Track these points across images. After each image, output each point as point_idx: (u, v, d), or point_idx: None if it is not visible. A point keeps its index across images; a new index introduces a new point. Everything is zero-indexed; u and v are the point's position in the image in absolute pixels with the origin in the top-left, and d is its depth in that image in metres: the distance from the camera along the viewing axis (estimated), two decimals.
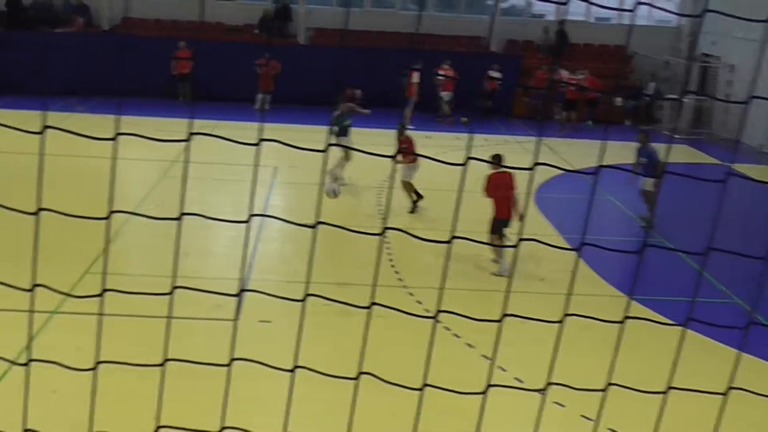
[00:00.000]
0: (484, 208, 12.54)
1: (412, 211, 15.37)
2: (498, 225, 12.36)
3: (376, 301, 2.89)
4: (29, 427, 3.00)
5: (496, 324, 3.02)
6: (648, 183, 15.10)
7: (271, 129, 19.01)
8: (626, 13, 32.46)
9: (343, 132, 17.19)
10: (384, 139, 16.53)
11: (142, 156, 16.95)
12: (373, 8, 29.82)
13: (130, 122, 20.38)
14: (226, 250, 12.91)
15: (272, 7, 29.13)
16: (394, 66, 25.66)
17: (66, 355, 8.92)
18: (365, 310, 2.98)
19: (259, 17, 28.79)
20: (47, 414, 7.16)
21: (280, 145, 2.88)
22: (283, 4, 28.82)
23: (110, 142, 2.73)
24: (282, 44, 28.23)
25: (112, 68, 24.90)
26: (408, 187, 15.47)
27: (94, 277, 11.04)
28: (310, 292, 2.93)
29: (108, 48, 26.02)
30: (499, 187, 12.31)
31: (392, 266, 12.35)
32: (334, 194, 15.06)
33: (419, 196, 15.53)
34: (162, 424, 3.21)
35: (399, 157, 14.76)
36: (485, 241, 11.94)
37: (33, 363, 2.93)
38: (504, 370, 9.14)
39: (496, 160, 12.06)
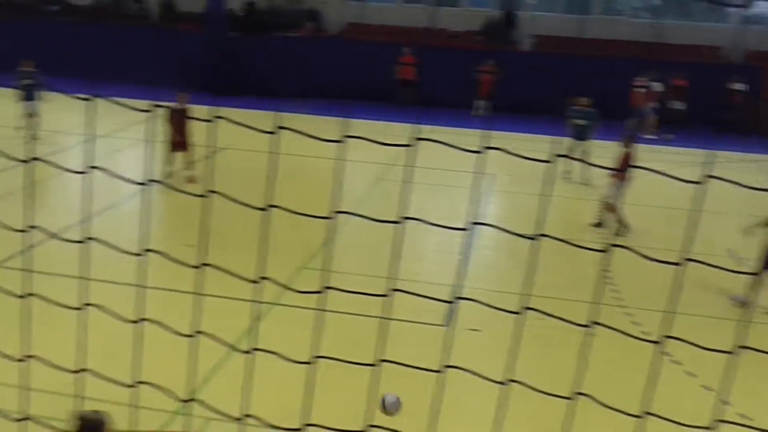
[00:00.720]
0: (716, 229, 11.73)
1: (618, 233, 14.18)
2: None
3: (591, 318, 2.69)
4: (248, 412, 3.06)
5: (722, 354, 2.73)
6: None
7: (489, 137, 18.87)
8: None
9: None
10: (603, 151, 15.97)
11: (360, 158, 17.41)
12: (602, 15, 28.94)
13: (352, 125, 20.92)
14: (437, 255, 12.93)
15: (496, 13, 29.04)
16: (621, 75, 24.80)
17: (281, 345, 9.29)
18: (578, 327, 2.78)
19: (482, 23, 28.79)
20: (262, 400, 7.42)
21: (498, 153, 2.73)
22: (508, 10, 28.64)
23: (334, 143, 2.71)
24: (504, 51, 28.06)
25: (337, 72, 25.86)
26: (610, 208, 14.28)
27: (311, 273, 11.41)
28: (523, 303, 2.77)
29: (334, 52, 27.02)
30: None
31: (610, 284, 11.84)
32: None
33: (624, 227, 14.25)
34: (372, 423, 3.17)
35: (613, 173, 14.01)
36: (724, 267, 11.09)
37: (252, 352, 2.97)
38: (727, 404, 8.47)
39: None
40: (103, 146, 18.54)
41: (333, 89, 26.44)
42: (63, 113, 17.94)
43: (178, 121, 15.90)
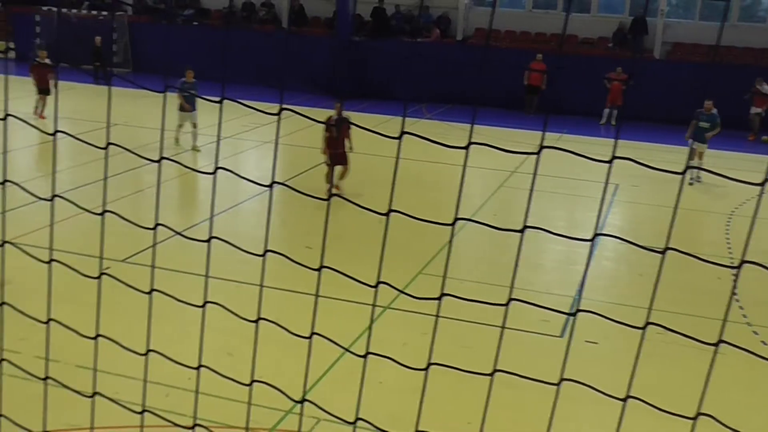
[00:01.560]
0: None
1: None
2: None
3: (715, 335, 2.57)
4: (360, 416, 3.08)
5: None
6: None
7: (618, 146, 18.42)
8: None
9: None
10: (734, 162, 15.31)
11: (482, 164, 17.31)
12: (741, 22, 27.78)
13: (476, 131, 20.89)
14: (555, 264, 12.70)
15: (628, 19, 28.33)
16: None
17: (393, 348, 9.35)
18: (702, 345, 2.66)
19: (614, 30, 28.15)
20: (372, 404, 7.48)
21: (623, 162, 2.65)
22: (640, 17, 27.88)
23: (459, 150, 2.70)
24: (635, 58, 27.34)
25: (462, 77, 25.82)
26: None
27: (426, 278, 11.42)
28: (645, 317, 2.68)
29: (460, 58, 27.00)
30: None
31: (736, 300, 11.35)
32: None
33: None
34: None
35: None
36: None
37: (363, 356, 2.99)
38: None
39: None
40: (230, 148, 19.13)
41: (458, 95, 26.43)
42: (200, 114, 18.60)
43: (337, 131, 14.76)
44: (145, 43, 30.71)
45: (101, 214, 3.13)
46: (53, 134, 3.07)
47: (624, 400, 2.72)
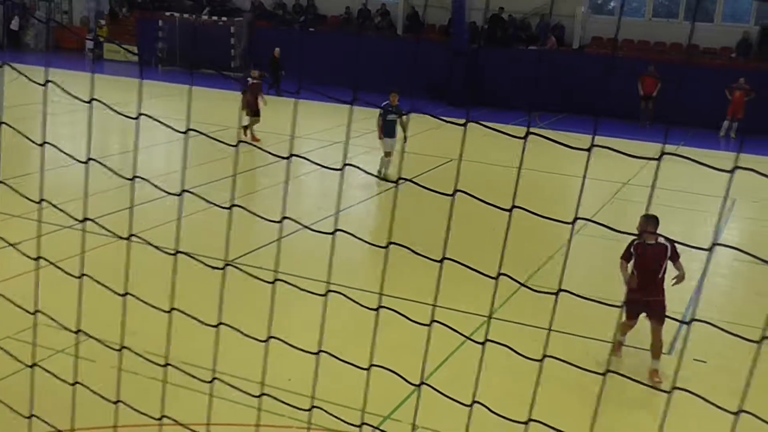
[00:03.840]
0: None
1: None
2: None
3: None
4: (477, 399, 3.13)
5: None
6: None
7: (737, 159, 17.82)
8: None
9: None
10: None
11: (593, 175, 17.03)
12: None
13: (589, 141, 20.55)
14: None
15: (753, 29, 27.31)
16: None
17: (501, 355, 9.33)
18: None
19: (738, 40, 27.19)
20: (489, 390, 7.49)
21: (742, 176, 2.61)
22: (766, 26, 26.84)
23: (574, 157, 2.73)
24: (760, 69, 26.35)
25: (577, 86, 25.46)
26: None
27: (534, 287, 11.33)
28: (757, 336, 2.63)
29: (575, 66, 26.64)
30: None
31: None
32: None
33: None
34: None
35: None
36: None
37: (489, 339, 3.05)
38: None
39: None
40: (339, 151, 19.43)
41: (572, 104, 26.09)
42: (304, 117, 18.99)
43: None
44: (263, 48, 31.56)
45: (229, 208, 3.29)
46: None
47: (736, 414, 2.67)
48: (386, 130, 16.42)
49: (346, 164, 2.93)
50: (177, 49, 32.10)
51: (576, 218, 2.83)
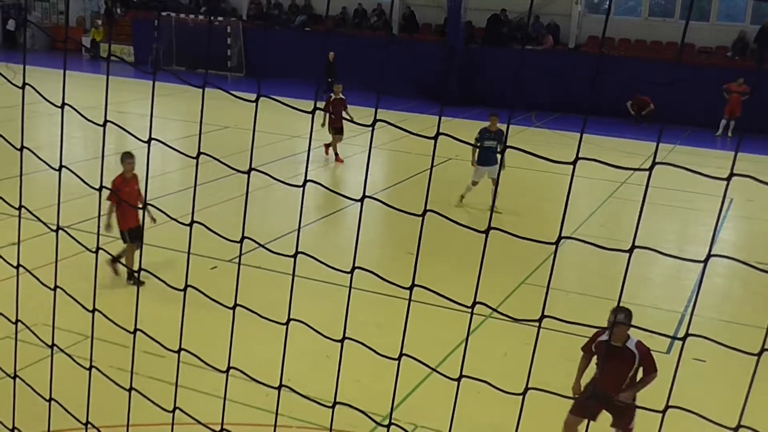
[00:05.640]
0: None
1: None
2: None
3: None
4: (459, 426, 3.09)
5: None
6: None
7: (732, 158, 17.79)
8: None
9: None
10: None
11: (591, 174, 17.00)
12: None
13: (588, 140, 20.48)
14: (664, 278, 12.36)
15: (749, 28, 27.29)
16: None
17: (493, 358, 9.31)
18: None
19: (734, 39, 27.18)
20: (470, 414, 7.46)
21: (739, 177, 2.57)
22: (765, 25, 26.79)
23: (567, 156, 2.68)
24: (756, 68, 26.32)
25: (574, 85, 25.44)
26: None
27: (530, 288, 11.31)
28: (758, 336, 2.59)
29: (571, 66, 26.61)
30: None
31: None
32: None
33: None
34: None
35: None
36: None
37: (463, 374, 3.00)
38: None
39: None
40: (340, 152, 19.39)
41: (569, 103, 26.07)
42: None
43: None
44: (258, 48, 31.48)
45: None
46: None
47: (735, 429, 2.63)
48: (482, 158, 14.65)
49: (306, 180, 2.85)
50: (173, 49, 32.03)
51: (560, 237, 2.79)
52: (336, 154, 18.60)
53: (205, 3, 34.08)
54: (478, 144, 14.48)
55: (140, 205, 10.21)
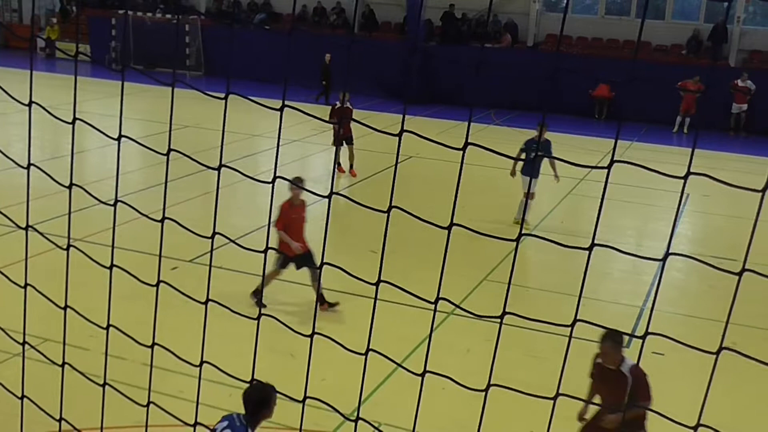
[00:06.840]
0: None
1: None
2: None
3: None
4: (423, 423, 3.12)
5: None
6: None
7: (688, 154, 18.10)
8: None
9: None
10: None
11: (551, 171, 17.16)
12: None
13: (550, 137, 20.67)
14: (624, 274, 12.54)
15: (703, 26, 27.75)
16: None
17: (456, 355, 9.36)
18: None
19: (688, 37, 27.61)
20: (435, 410, 7.51)
21: (695, 170, 2.63)
22: (721, 24, 27.25)
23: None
24: (710, 66, 26.77)
25: (531, 84, 25.63)
26: None
27: (491, 285, 11.39)
28: (715, 329, 2.65)
29: (530, 64, 26.82)
30: None
31: None
32: None
33: None
34: None
35: None
36: None
37: (427, 370, 3.04)
38: None
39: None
40: (298, 150, 19.35)
41: (526, 101, 26.26)
42: (254, 117, 18.86)
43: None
44: (216, 47, 31.24)
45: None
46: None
47: (694, 429, 2.68)
48: (528, 168, 13.81)
49: (276, 177, 2.87)
50: (131, 48, 31.66)
51: (521, 234, 2.84)
52: (351, 166, 17.30)
53: (163, 1, 33.73)
54: (524, 154, 13.91)
55: (305, 233, 10.07)
